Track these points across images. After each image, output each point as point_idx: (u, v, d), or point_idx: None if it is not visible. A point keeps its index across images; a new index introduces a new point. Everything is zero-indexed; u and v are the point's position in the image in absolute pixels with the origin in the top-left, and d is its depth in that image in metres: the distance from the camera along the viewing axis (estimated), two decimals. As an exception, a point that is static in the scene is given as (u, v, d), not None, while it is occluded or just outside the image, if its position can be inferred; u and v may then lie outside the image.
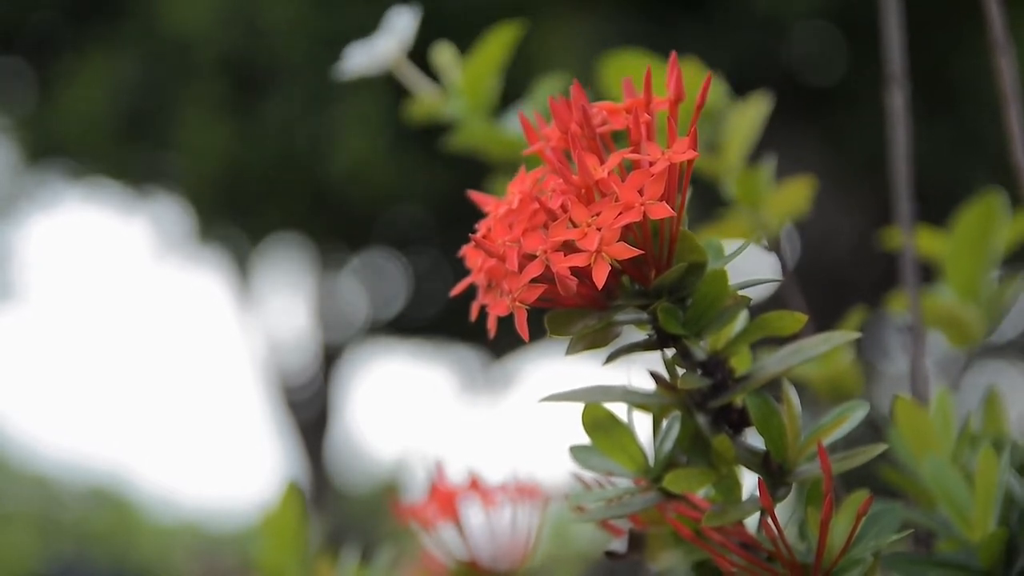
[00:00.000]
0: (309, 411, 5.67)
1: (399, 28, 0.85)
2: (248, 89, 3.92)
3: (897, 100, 0.83)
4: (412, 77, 0.87)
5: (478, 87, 0.86)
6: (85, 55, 4.13)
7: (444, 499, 0.78)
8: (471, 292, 0.56)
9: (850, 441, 0.58)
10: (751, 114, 0.83)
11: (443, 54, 0.88)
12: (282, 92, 3.81)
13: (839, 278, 4.08)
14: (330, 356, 5.64)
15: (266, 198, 4.32)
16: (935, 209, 0.84)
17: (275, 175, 4.12)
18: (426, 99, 0.87)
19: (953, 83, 3.60)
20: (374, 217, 4.51)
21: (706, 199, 0.81)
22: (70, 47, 4.21)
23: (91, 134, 4.19)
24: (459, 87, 0.86)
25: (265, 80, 3.87)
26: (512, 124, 0.87)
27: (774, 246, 0.82)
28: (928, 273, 0.87)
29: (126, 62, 4.06)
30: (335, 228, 4.67)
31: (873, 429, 0.74)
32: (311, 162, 3.92)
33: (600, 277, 0.50)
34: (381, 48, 0.85)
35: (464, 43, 0.89)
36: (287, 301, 5.70)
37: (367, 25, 0.94)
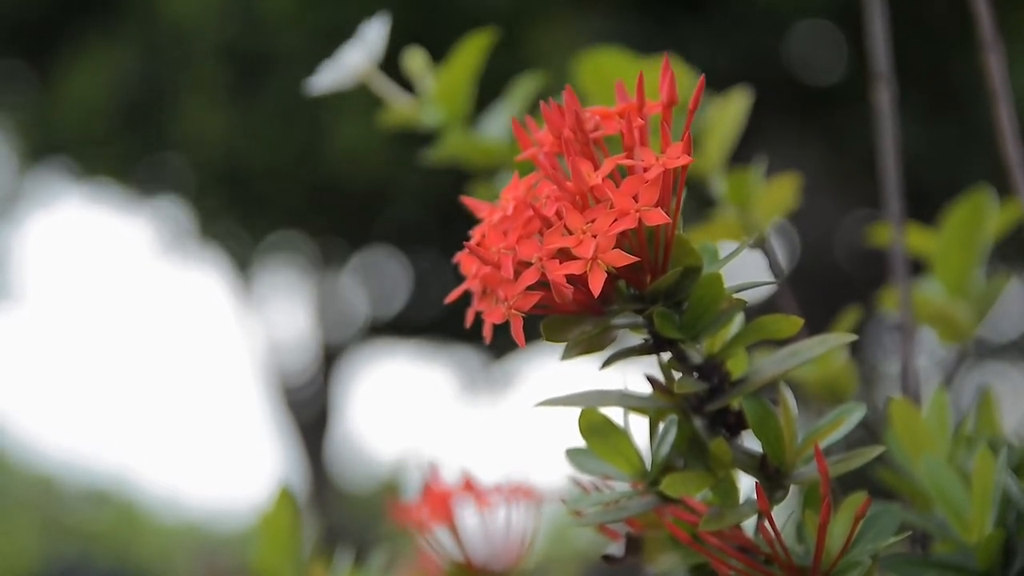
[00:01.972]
0: (309, 411, 5.67)
1: (368, 40, 0.84)
2: (247, 79, 3.93)
3: (884, 98, 0.82)
4: (385, 87, 0.86)
5: (454, 96, 0.85)
6: (84, 49, 4.13)
7: (438, 500, 0.78)
8: (470, 293, 0.56)
9: (848, 443, 0.58)
10: (732, 110, 0.82)
11: (414, 61, 0.86)
12: (280, 81, 3.82)
13: (840, 277, 4.08)
14: (330, 356, 5.64)
15: (266, 192, 4.32)
16: (942, 208, 0.83)
17: (274, 167, 4.12)
18: (399, 107, 0.86)
19: (958, 81, 3.60)
20: (374, 213, 4.51)
21: (688, 197, 0.81)
22: (69, 42, 4.22)
23: (91, 128, 4.19)
24: (434, 96, 0.85)
25: (264, 70, 3.88)
26: (491, 130, 0.85)
27: (765, 246, 0.82)
28: (919, 270, 0.87)
29: (125, 54, 4.07)
30: (335, 225, 4.67)
31: (868, 431, 0.74)
32: (310, 152, 3.93)
33: (596, 285, 0.50)
34: (350, 62, 0.84)
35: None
36: (287, 301, 5.70)
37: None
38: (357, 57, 0.84)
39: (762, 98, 0.90)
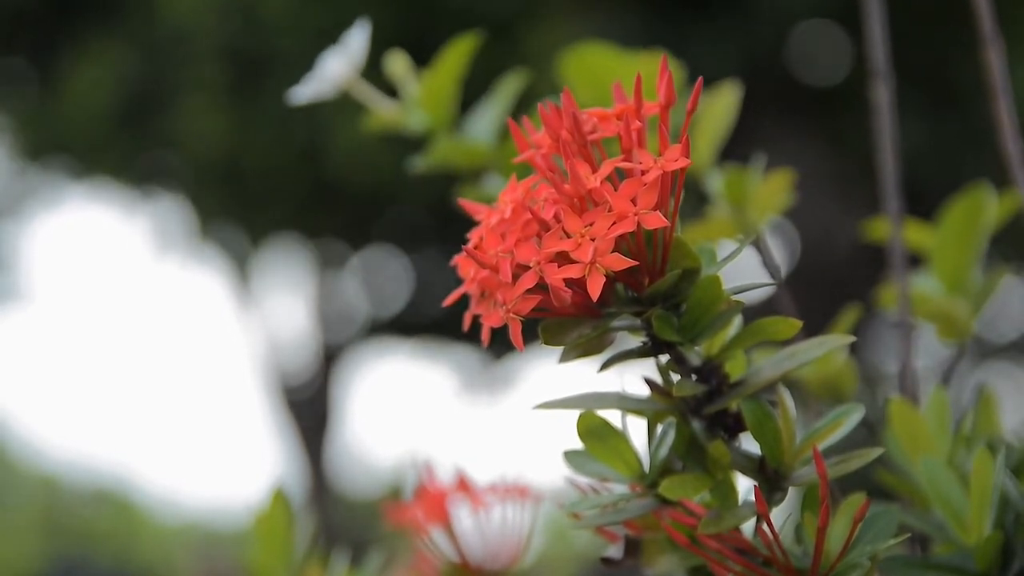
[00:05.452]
0: (309, 411, 5.66)
1: (351, 47, 0.83)
2: (247, 79, 3.93)
3: (882, 95, 0.82)
4: (369, 94, 0.85)
5: (439, 101, 0.84)
6: (85, 50, 4.14)
7: (433, 501, 0.78)
8: (468, 295, 0.55)
9: (850, 442, 0.58)
10: (722, 103, 0.81)
11: (397, 64, 0.85)
12: (281, 82, 3.81)
13: (841, 276, 4.08)
14: (330, 356, 5.64)
15: (266, 192, 4.32)
16: (941, 204, 0.83)
17: (274, 167, 4.12)
18: (384, 112, 0.85)
19: (957, 77, 3.59)
20: (375, 212, 4.51)
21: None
22: (70, 43, 4.22)
23: (92, 128, 4.20)
24: (419, 101, 0.84)
25: (264, 70, 3.88)
26: (476, 131, 0.84)
27: (760, 245, 0.81)
28: (918, 265, 0.86)
29: (126, 54, 4.07)
30: (335, 225, 4.67)
31: (870, 431, 0.74)
32: (310, 152, 3.93)
33: (595, 289, 0.49)
34: (332, 70, 0.83)
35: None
36: (287, 301, 5.70)
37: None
38: (338, 65, 0.83)
39: (765, 98, 0.90)
